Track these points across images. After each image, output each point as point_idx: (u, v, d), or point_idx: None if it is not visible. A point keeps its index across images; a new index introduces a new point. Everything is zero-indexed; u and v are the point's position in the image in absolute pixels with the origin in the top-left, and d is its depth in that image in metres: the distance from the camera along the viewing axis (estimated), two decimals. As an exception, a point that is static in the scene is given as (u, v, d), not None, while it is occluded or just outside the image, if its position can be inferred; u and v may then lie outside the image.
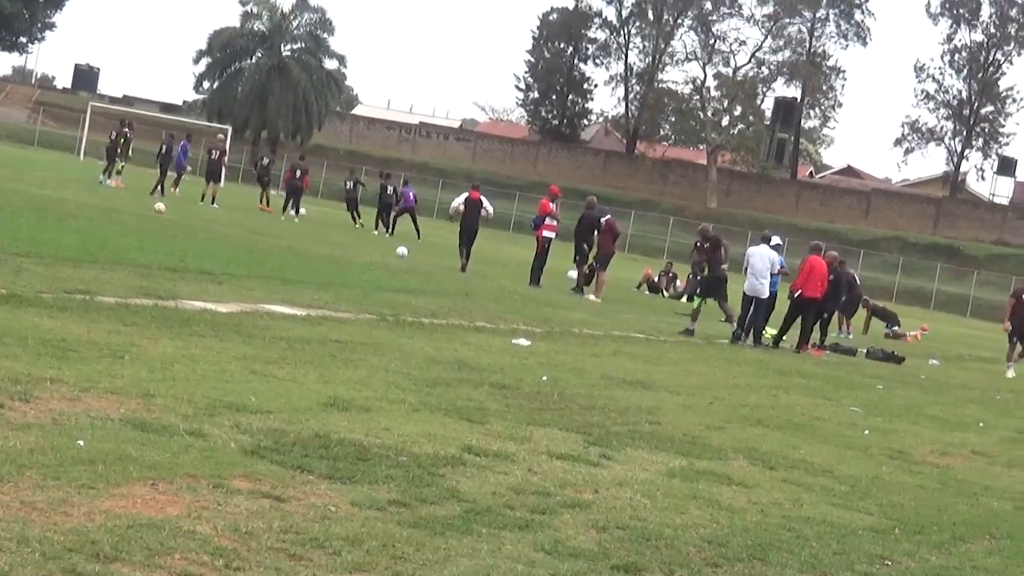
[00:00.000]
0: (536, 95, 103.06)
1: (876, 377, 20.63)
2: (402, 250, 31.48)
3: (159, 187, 39.25)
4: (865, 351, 25.72)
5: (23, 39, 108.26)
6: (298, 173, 41.39)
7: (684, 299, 34.69)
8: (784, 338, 23.71)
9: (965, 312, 67.70)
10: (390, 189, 42.01)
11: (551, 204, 29.07)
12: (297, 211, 41.23)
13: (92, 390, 8.48)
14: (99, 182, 40.37)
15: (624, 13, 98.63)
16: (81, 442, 7.05)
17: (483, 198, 30.02)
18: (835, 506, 9.16)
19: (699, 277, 36.44)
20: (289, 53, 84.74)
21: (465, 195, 29.86)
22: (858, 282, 32.14)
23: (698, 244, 40.19)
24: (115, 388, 8.67)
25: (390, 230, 40.99)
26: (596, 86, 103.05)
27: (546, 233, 28.61)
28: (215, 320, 12.81)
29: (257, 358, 10.95)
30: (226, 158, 42.34)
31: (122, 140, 41.15)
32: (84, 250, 17.32)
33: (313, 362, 11.30)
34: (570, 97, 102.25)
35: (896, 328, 34.45)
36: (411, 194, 42.30)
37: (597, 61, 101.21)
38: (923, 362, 26.00)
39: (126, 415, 7.93)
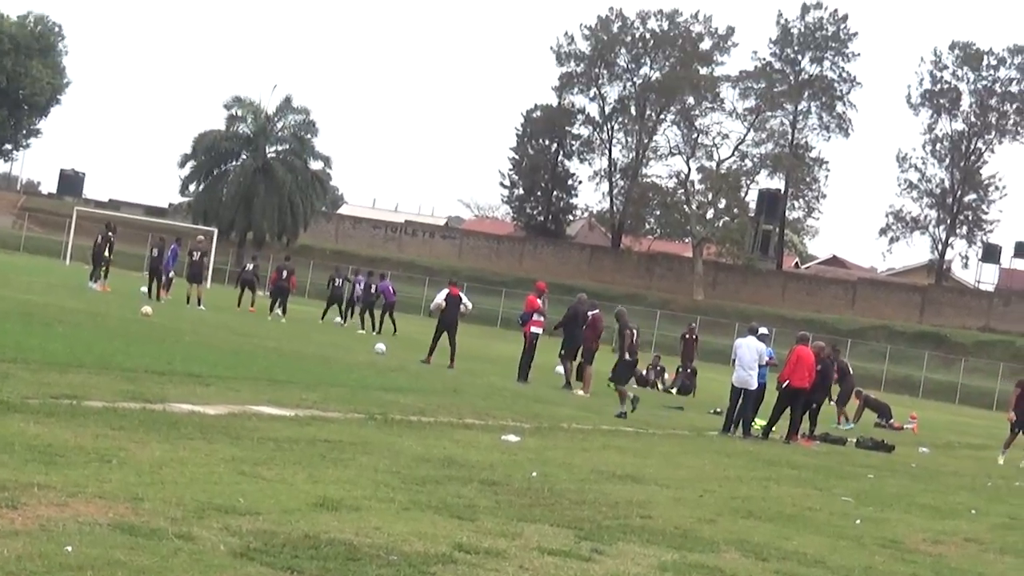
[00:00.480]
0: (521, 191, 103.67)
1: (867, 466, 20.59)
2: (380, 347, 31.70)
3: (153, 291, 39.35)
4: (855, 440, 25.70)
5: (8, 146, 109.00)
6: (284, 273, 41.53)
7: (674, 392, 34.71)
8: (774, 429, 23.68)
9: (954, 399, 67.73)
10: (373, 287, 42.25)
11: (538, 300, 29.19)
12: (284, 311, 41.25)
13: (80, 495, 8.43)
14: (87, 287, 40.36)
15: (607, 109, 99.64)
16: (69, 548, 7.00)
17: (462, 294, 30.88)
18: (829, 597, 9.12)
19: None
20: (274, 154, 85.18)
21: (446, 291, 30.48)
22: (851, 371, 32.14)
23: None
24: (103, 493, 8.63)
25: (377, 328, 41.13)
26: (580, 182, 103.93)
27: (534, 329, 28.74)
28: (203, 422, 12.78)
29: (246, 459, 10.91)
30: (207, 259, 42.43)
31: (107, 244, 41.29)
32: (71, 355, 17.29)
33: (302, 462, 11.26)
34: (555, 193, 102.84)
35: (891, 421, 34.40)
36: (391, 289, 42.65)
37: (581, 157, 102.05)
38: (913, 450, 25.96)
39: (114, 520, 7.89)
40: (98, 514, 7.97)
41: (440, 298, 30.46)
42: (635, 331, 26.00)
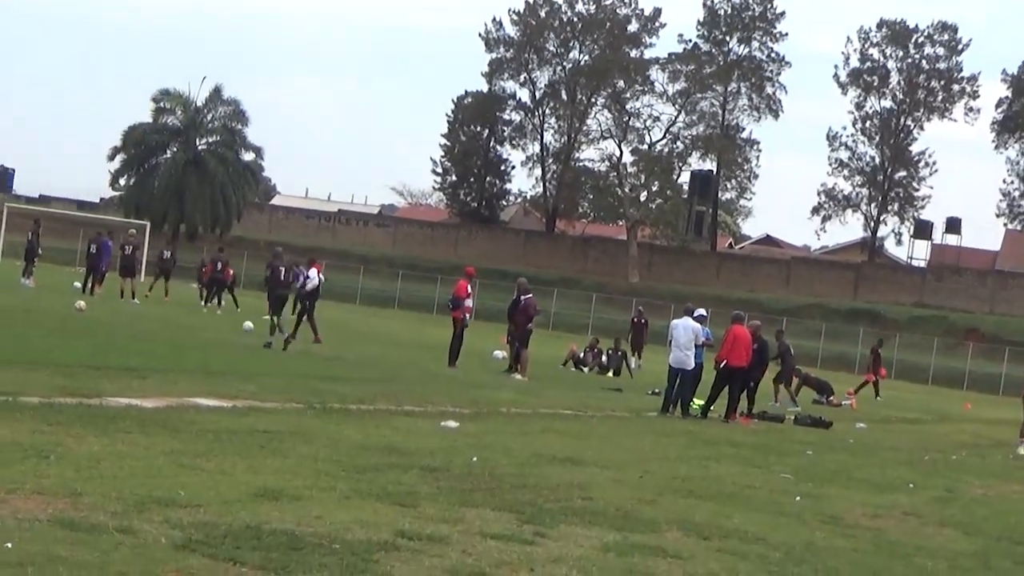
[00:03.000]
0: (454, 178, 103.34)
1: (805, 443, 20.74)
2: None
3: (92, 286, 38.96)
4: (793, 418, 25.89)
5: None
6: (219, 265, 41.22)
7: (610, 373, 34.81)
8: (712, 408, 23.82)
9: (889, 375, 68.27)
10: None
11: (468, 285, 29.14)
12: (220, 303, 40.95)
13: (18, 491, 8.39)
14: (20, 284, 39.85)
15: (538, 94, 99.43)
16: (9, 544, 6.97)
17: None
18: (771, 574, 9.19)
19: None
20: (205, 147, 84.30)
21: (316, 270, 30.03)
22: (791, 352, 32.34)
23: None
24: (42, 488, 8.58)
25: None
26: (513, 167, 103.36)
27: (463, 314, 28.65)
28: (141, 416, 12.70)
29: (185, 452, 10.86)
30: (139, 253, 41.99)
31: (36, 239, 40.91)
32: (5, 351, 17.11)
33: (241, 453, 11.22)
34: (488, 179, 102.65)
35: (831, 398, 34.69)
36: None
37: (513, 142, 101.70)
38: (851, 426, 26.17)
39: (54, 515, 7.85)
40: (37, 510, 7.94)
41: (316, 277, 30.07)
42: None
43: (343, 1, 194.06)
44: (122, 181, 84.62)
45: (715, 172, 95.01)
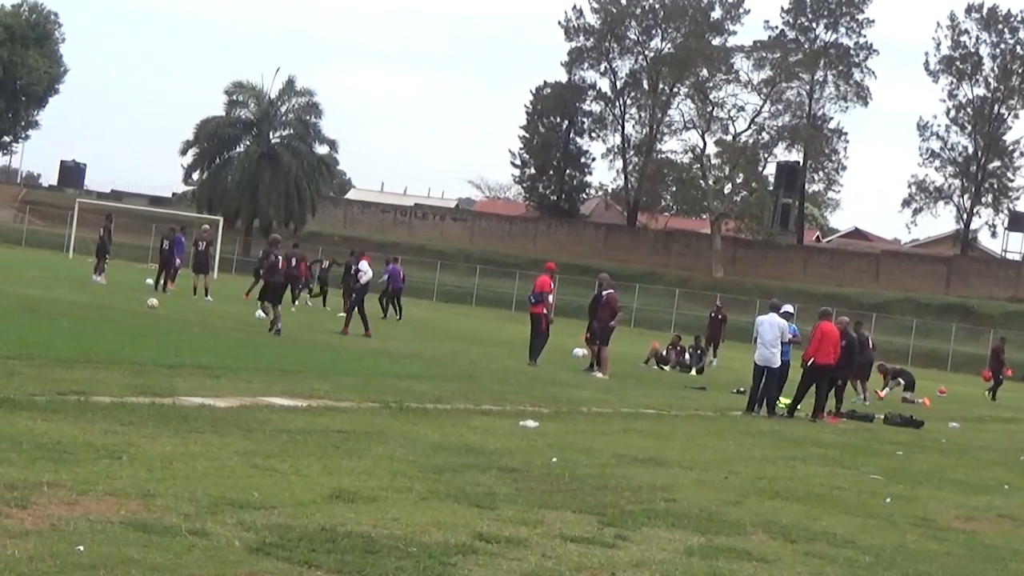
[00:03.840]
0: (533, 171, 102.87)
1: (895, 443, 20.37)
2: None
3: (164, 283, 39.21)
4: (883, 417, 25.43)
5: (7, 138, 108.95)
6: (294, 261, 41.05)
7: (693, 372, 34.44)
8: (799, 407, 23.44)
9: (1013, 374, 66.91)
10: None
11: (550, 280, 28.87)
12: (295, 300, 40.88)
13: (90, 493, 8.35)
14: (91, 281, 40.14)
15: (619, 84, 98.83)
16: (81, 547, 6.94)
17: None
18: (860, 579, 8.94)
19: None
20: (278, 140, 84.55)
21: (366, 262, 31.47)
22: (871, 345, 31.84)
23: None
24: (114, 490, 8.54)
25: (398, 314, 40.91)
26: (594, 159, 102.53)
27: (544, 310, 28.37)
28: (214, 415, 12.65)
29: (258, 452, 10.79)
30: (212, 248, 42.11)
31: (108, 235, 41.22)
32: (77, 350, 17.15)
33: (316, 454, 11.13)
34: (567, 171, 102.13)
35: (909, 394, 34.17)
36: (402, 274, 42.25)
37: (593, 134, 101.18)
38: (943, 426, 25.70)
39: (126, 517, 7.81)
40: (109, 512, 7.91)
41: (368, 270, 31.24)
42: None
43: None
44: (195, 176, 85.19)
45: (801, 163, 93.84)
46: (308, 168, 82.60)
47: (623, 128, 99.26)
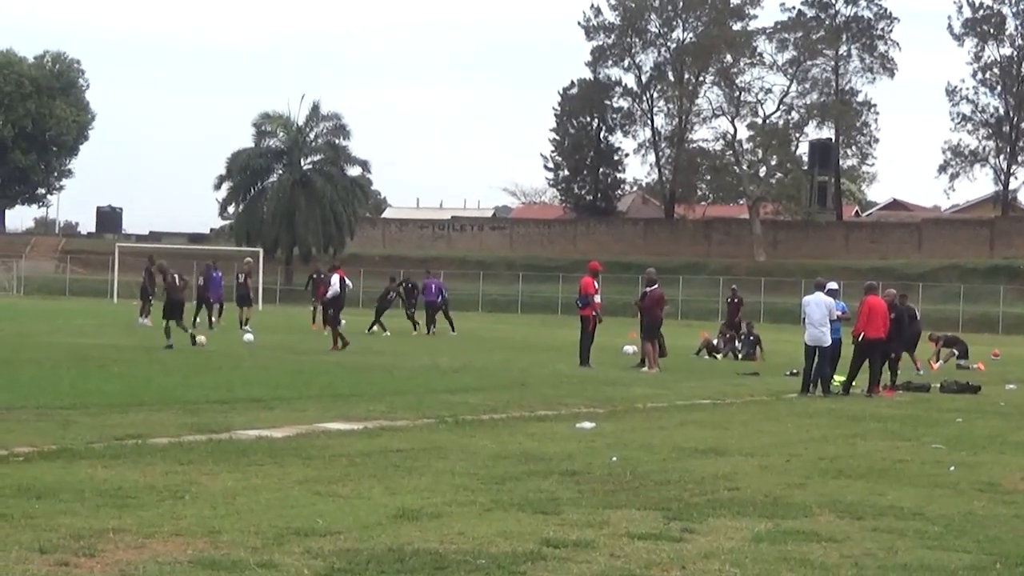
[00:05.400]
0: (566, 172, 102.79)
1: (954, 411, 20.21)
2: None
3: (209, 319, 39.40)
4: (939, 385, 25.25)
5: (42, 190, 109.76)
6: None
7: (740, 357, 34.27)
8: (854, 383, 23.31)
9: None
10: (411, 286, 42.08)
11: (594, 281, 28.82)
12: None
13: (156, 535, 8.37)
14: (137, 324, 40.32)
15: (644, 78, 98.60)
16: (150, 591, 6.92)
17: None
18: (931, 549, 8.92)
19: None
20: (310, 166, 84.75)
21: (337, 276, 32.51)
22: (918, 316, 31.63)
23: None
24: (179, 530, 8.57)
25: (428, 328, 41.04)
26: (627, 155, 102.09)
27: (593, 311, 28.33)
28: (272, 446, 12.70)
29: (319, 479, 10.82)
30: (251, 280, 42.23)
31: (153, 277, 41.40)
32: (130, 394, 17.30)
33: (377, 475, 11.15)
34: (601, 170, 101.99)
35: (964, 360, 33.92)
36: (434, 287, 42.29)
37: (624, 130, 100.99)
38: (1000, 388, 25.50)
39: (194, 556, 7.82)
40: (177, 552, 7.92)
41: (336, 284, 32.05)
42: None
43: (435, 4, 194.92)
44: (230, 209, 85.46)
45: (834, 140, 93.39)
46: (342, 191, 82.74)
47: (652, 121, 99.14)
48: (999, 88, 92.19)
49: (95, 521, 8.69)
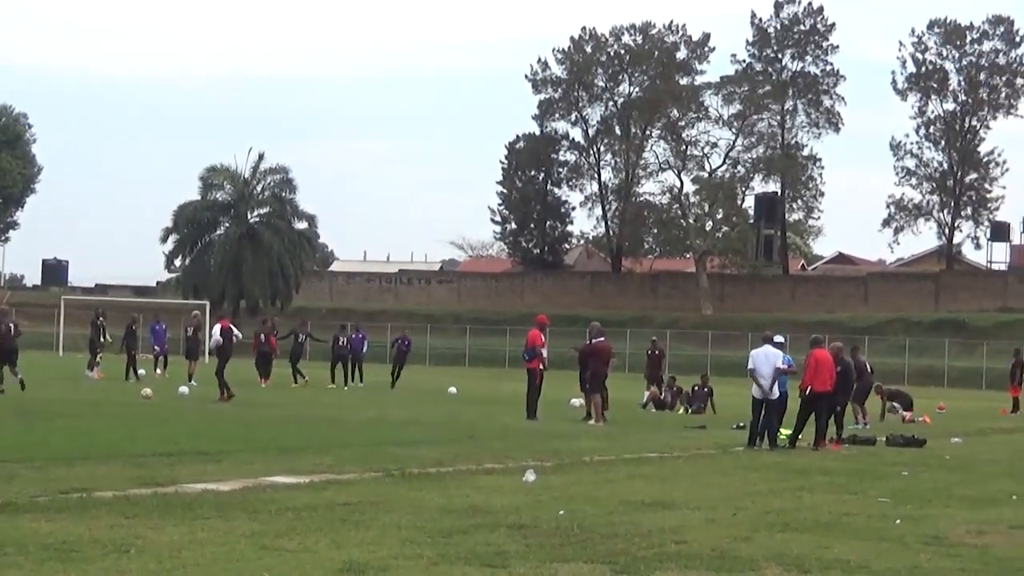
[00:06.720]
0: (514, 226, 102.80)
1: (900, 464, 20.29)
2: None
3: (129, 369, 39.46)
4: (885, 439, 25.39)
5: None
6: (263, 337, 40.87)
7: (683, 411, 34.36)
8: (800, 437, 23.38)
9: (980, 385, 67.01)
10: (342, 340, 41.80)
11: (540, 334, 28.85)
12: (266, 377, 40.51)
13: (100, 590, 8.25)
14: (85, 376, 40.04)
15: (591, 132, 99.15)
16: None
17: (231, 325, 34.31)
18: (877, 603, 8.91)
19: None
20: (257, 219, 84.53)
21: (219, 326, 32.88)
22: (868, 369, 31.87)
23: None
24: (123, 584, 8.44)
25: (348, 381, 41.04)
26: (573, 208, 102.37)
27: (539, 364, 28.34)
28: (218, 500, 12.59)
29: (266, 532, 10.73)
30: (200, 333, 42.11)
31: (100, 330, 41.28)
32: (75, 447, 17.12)
33: (323, 529, 11.07)
34: (548, 223, 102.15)
35: (908, 413, 34.14)
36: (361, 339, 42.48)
37: (571, 183, 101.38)
38: (945, 442, 25.64)
39: (138, 611, 7.72)
40: (121, 607, 7.80)
41: (217, 335, 32.46)
42: None
43: (380, 57, 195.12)
44: (177, 262, 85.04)
45: (780, 193, 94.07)
46: (289, 244, 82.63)
47: (599, 175, 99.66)
48: (943, 143, 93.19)
49: (39, 575, 8.60)
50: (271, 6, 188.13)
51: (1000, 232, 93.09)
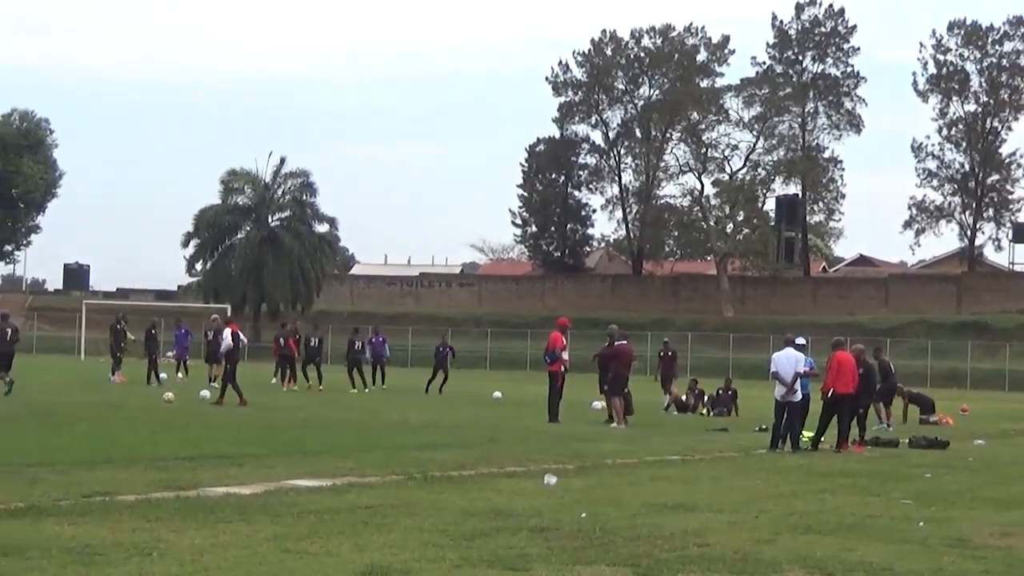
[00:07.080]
0: (534, 228, 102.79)
1: (923, 466, 20.24)
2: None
3: (151, 373, 39.56)
4: (908, 440, 25.30)
5: (9, 247, 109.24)
6: (282, 341, 40.99)
7: (705, 413, 34.29)
8: (823, 439, 23.32)
9: (1003, 387, 66.78)
10: (358, 344, 41.79)
11: (562, 337, 28.81)
12: (294, 379, 40.63)
13: (122, 593, 8.26)
14: (108, 380, 40.14)
15: (611, 135, 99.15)
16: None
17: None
18: (900, 606, 8.88)
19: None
20: (278, 222, 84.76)
21: (228, 331, 32.61)
22: (892, 370, 31.78)
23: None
24: (146, 588, 8.45)
25: (369, 384, 41.01)
26: (594, 211, 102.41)
27: (561, 367, 28.29)
28: (240, 503, 12.61)
29: (288, 536, 10.73)
30: (220, 337, 42.25)
31: (121, 334, 41.42)
32: (97, 451, 17.18)
33: (345, 532, 11.07)
34: (569, 226, 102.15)
35: (930, 416, 34.01)
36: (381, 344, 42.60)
37: (591, 186, 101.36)
38: (968, 444, 25.55)
39: (160, 614, 7.74)
40: (142, 611, 7.81)
41: (229, 339, 32.10)
42: None
43: (401, 60, 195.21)
44: (198, 266, 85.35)
45: (801, 195, 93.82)
46: (310, 248, 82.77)
47: (620, 178, 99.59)
48: (964, 144, 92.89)
49: (61, 579, 8.58)
50: (294, 8, 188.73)
51: (1022, 233, 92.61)
